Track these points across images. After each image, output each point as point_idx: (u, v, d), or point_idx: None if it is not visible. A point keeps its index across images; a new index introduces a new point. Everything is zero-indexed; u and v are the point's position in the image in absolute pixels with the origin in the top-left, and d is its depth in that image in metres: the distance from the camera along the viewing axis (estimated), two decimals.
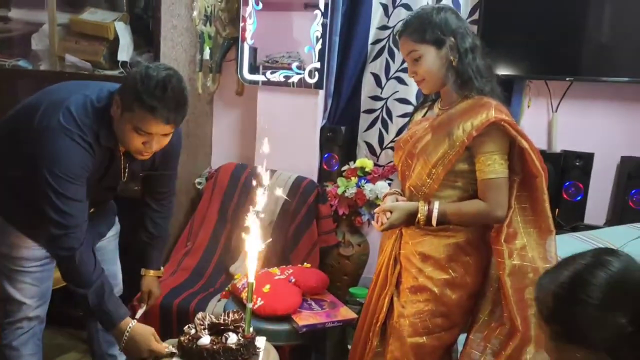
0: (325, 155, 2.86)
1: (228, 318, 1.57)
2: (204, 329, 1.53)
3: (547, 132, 2.66)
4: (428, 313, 1.63)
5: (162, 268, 2.04)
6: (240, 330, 1.54)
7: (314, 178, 2.83)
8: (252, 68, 2.83)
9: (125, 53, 2.67)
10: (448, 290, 1.63)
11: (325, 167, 2.87)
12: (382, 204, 1.69)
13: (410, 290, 1.67)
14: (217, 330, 1.54)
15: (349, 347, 1.99)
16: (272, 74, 2.78)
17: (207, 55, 2.89)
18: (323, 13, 2.66)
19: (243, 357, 1.49)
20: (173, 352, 1.55)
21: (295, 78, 2.74)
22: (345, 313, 2.14)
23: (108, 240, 1.98)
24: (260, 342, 1.58)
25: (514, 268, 1.55)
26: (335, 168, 2.85)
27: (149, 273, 1.97)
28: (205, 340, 1.49)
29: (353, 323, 2.05)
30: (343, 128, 2.84)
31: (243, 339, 1.51)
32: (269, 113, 2.85)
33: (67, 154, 1.54)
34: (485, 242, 1.65)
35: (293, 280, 2.21)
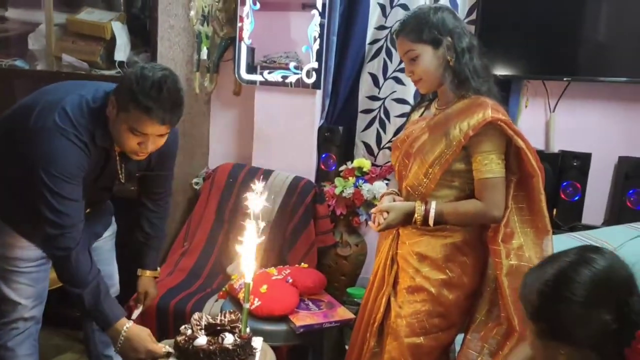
0: (323, 155, 2.86)
1: (224, 318, 1.57)
2: (201, 330, 1.53)
3: (544, 132, 2.66)
4: (425, 313, 1.63)
5: (158, 268, 2.04)
6: (237, 331, 1.54)
7: (312, 178, 2.82)
8: (249, 68, 2.82)
9: (123, 53, 2.67)
10: (445, 291, 1.62)
11: (323, 167, 2.86)
12: (379, 204, 1.70)
13: (408, 291, 1.66)
14: (213, 331, 1.54)
15: (347, 347, 1.99)
16: (269, 74, 2.77)
17: (204, 55, 2.88)
18: (320, 13, 2.66)
19: (240, 357, 1.49)
20: (170, 352, 1.55)
21: (293, 78, 2.74)
22: (343, 313, 2.14)
23: (104, 241, 1.97)
24: (257, 342, 1.58)
25: (512, 268, 1.55)
26: (333, 168, 2.84)
27: (146, 273, 1.96)
28: (202, 341, 1.49)
29: (350, 323, 2.05)
30: (341, 128, 2.83)
31: (240, 340, 1.51)
32: (267, 113, 2.85)
33: (63, 154, 1.54)
34: (483, 242, 1.65)
35: (290, 281, 2.21)
